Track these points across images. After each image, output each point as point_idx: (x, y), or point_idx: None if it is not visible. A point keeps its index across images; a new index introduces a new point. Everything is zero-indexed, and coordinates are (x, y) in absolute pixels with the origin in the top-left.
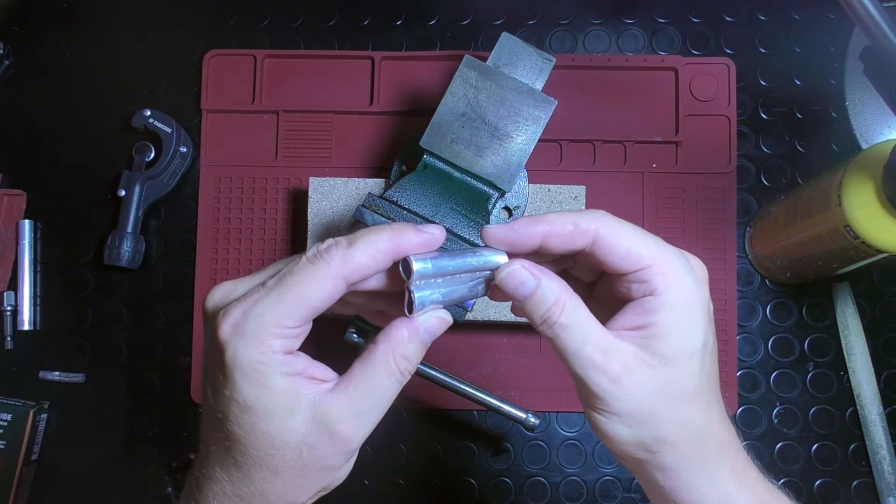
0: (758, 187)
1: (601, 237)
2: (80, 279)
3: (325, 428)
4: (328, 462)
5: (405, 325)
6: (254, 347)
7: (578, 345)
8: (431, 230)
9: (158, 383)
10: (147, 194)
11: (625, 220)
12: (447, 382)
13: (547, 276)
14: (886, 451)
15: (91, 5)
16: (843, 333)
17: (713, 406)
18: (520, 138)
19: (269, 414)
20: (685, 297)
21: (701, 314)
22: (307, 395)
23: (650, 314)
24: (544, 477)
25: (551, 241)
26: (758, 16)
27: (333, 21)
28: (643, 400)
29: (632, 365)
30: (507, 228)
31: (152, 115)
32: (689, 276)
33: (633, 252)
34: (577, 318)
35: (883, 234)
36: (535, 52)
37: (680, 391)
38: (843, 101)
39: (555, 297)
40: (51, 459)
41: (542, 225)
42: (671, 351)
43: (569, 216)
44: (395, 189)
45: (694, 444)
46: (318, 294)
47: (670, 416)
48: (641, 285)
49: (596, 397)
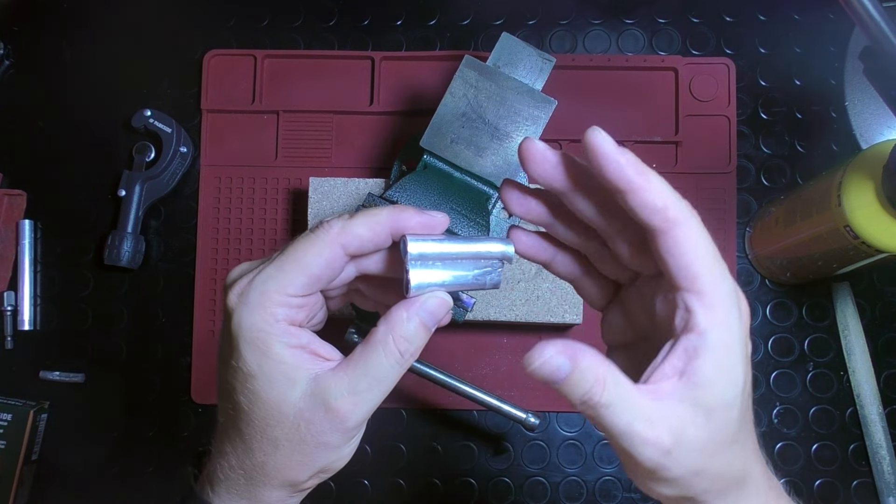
0: (758, 187)
1: (676, 234)
2: (80, 279)
3: (322, 403)
4: (325, 439)
5: (404, 305)
6: (257, 315)
7: (626, 422)
8: (434, 214)
9: (158, 383)
10: (147, 194)
11: (706, 232)
12: (447, 382)
13: (582, 353)
14: (886, 451)
15: (91, 5)
16: (843, 333)
17: (749, 444)
18: (520, 138)
19: (270, 383)
20: (728, 340)
21: (741, 357)
22: (308, 370)
23: (693, 359)
24: (544, 477)
25: (635, 199)
26: (758, 16)
27: (333, 21)
28: (692, 463)
29: (679, 430)
30: (617, 154)
31: (152, 115)
32: (734, 318)
33: (692, 269)
34: (619, 393)
35: (883, 234)
36: (535, 52)
37: (723, 440)
38: (843, 101)
39: (594, 377)
40: (51, 459)
41: (641, 179)
42: (714, 401)
43: (668, 193)
44: (395, 189)
45: (733, 484)
46: (317, 260)
47: (716, 468)
48: (684, 312)
49: (646, 470)
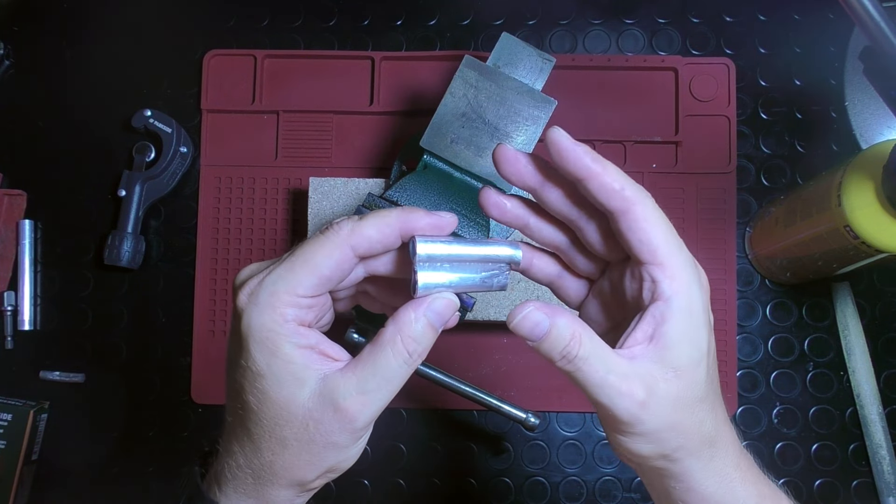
0: (758, 187)
1: (634, 212)
2: (80, 279)
3: (330, 403)
4: (333, 439)
5: (412, 306)
6: (266, 315)
7: (602, 375)
8: (442, 215)
9: (158, 383)
10: (147, 194)
11: (663, 215)
12: (447, 382)
13: (560, 313)
14: (886, 451)
15: (91, 5)
16: (843, 333)
17: (718, 407)
18: (520, 138)
19: (279, 382)
20: (691, 305)
21: (704, 322)
22: (317, 370)
23: (660, 324)
24: (544, 477)
25: (594, 183)
26: (758, 16)
27: (333, 21)
28: (665, 415)
29: (651, 384)
30: (572, 145)
31: (152, 115)
32: (694, 285)
33: (653, 242)
34: (594, 348)
35: (883, 234)
36: (535, 52)
37: (692, 398)
38: (843, 101)
39: (571, 332)
40: (51, 459)
41: (598, 165)
42: (682, 361)
43: (622, 177)
44: (395, 189)
45: (705, 445)
46: (326, 261)
47: (687, 424)
48: (650, 284)
49: (622, 422)
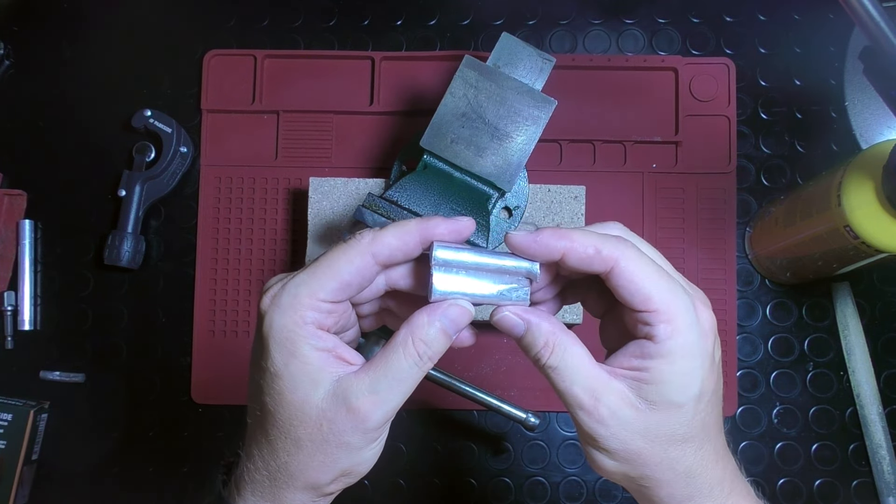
0: (758, 187)
1: (619, 268)
2: (80, 279)
3: (343, 403)
4: (346, 439)
5: (426, 310)
6: (287, 317)
7: (567, 385)
8: (461, 220)
9: (158, 383)
10: (147, 194)
11: (650, 254)
12: (447, 382)
13: (537, 318)
14: (886, 451)
15: (91, 5)
16: (843, 333)
17: (706, 448)
18: (520, 138)
19: (295, 383)
20: (684, 350)
21: (699, 366)
22: (332, 372)
23: (647, 359)
24: (544, 477)
25: (570, 259)
26: (758, 16)
27: (333, 21)
28: (628, 440)
29: (618, 407)
30: (531, 239)
31: (152, 115)
32: (692, 329)
33: (644, 291)
34: (566, 359)
35: (883, 234)
36: (535, 52)
37: (666, 435)
38: (843, 101)
39: (543, 340)
40: (51, 459)
41: (564, 241)
42: (660, 399)
43: (593, 240)
44: (395, 189)
45: (680, 483)
46: (348, 267)
47: (656, 457)
48: (645, 327)
49: (585, 434)
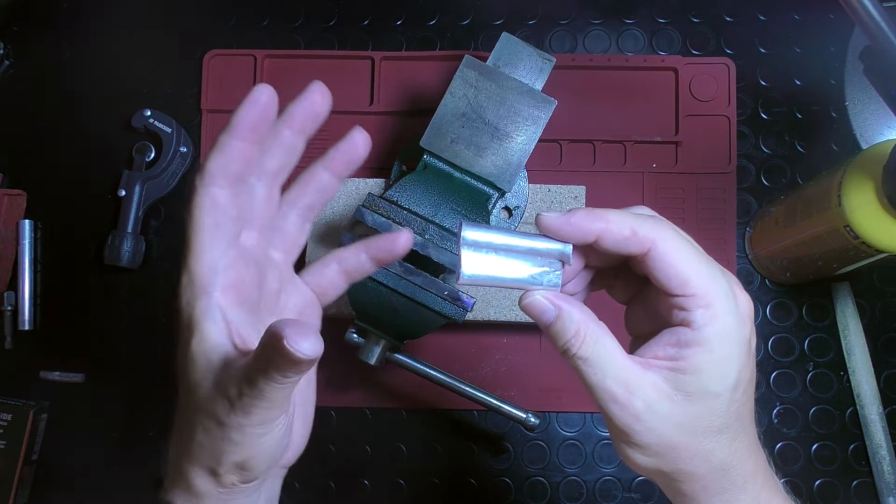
0: (758, 187)
1: (657, 250)
2: (80, 279)
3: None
4: (220, 418)
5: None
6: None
7: (599, 378)
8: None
9: (158, 383)
10: (147, 194)
11: (685, 236)
12: (447, 382)
13: (568, 305)
14: (886, 451)
15: (91, 5)
16: (843, 333)
17: (740, 440)
18: (520, 138)
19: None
20: (723, 337)
21: (737, 354)
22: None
23: (684, 348)
24: (544, 477)
25: (606, 240)
26: (758, 16)
27: (333, 21)
28: (664, 434)
29: (653, 400)
30: (565, 220)
31: (152, 115)
32: (731, 315)
33: (682, 275)
34: (598, 350)
35: (883, 234)
36: (535, 52)
37: (702, 427)
38: (843, 101)
39: (575, 329)
40: (51, 459)
41: (599, 223)
42: (697, 389)
43: (630, 220)
44: (395, 189)
45: (714, 475)
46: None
47: (691, 450)
48: (681, 312)
49: (616, 429)
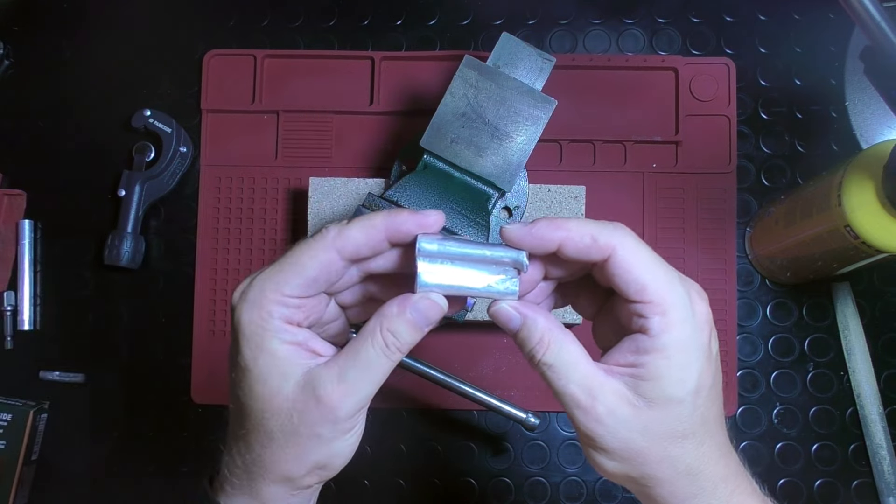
0: (758, 187)
1: (616, 256)
2: (80, 279)
3: (312, 393)
4: (317, 430)
5: (396, 301)
6: (255, 312)
7: (563, 384)
8: (428, 213)
9: (158, 383)
10: (147, 194)
11: (643, 244)
12: (447, 382)
13: (533, 313)
14: (886, 451)
15: (91, 5)
16: (843, 333)
17: (707, 444)
18: (520, 138)
19: (264, 377)
20: (679, 343)
21: (695, 359)
22: (302, 364)
23: (642, 354)
24: (544, 477)
25: (568, 249)
26: (758, 16)
27: (333, 21)
28: (628, 439)
29: (615, 405)
30: (526, 231)
31: (152, 115)
32: (687, 322)
33: (640, 280)
34: (562, 356)
35: (883, 234)
36: (535, 52)
37: (666, 432)
38: (843, 101)
39: (539, 336)
40: (51, 459)
41: (560, 232)
42: (658, 395)
43: (589, 227)
44: (395, 189)
45: (682, 480)
46: (311, 263)
47: (656, 455)
48: (640, 319)
49: (583, 434)
